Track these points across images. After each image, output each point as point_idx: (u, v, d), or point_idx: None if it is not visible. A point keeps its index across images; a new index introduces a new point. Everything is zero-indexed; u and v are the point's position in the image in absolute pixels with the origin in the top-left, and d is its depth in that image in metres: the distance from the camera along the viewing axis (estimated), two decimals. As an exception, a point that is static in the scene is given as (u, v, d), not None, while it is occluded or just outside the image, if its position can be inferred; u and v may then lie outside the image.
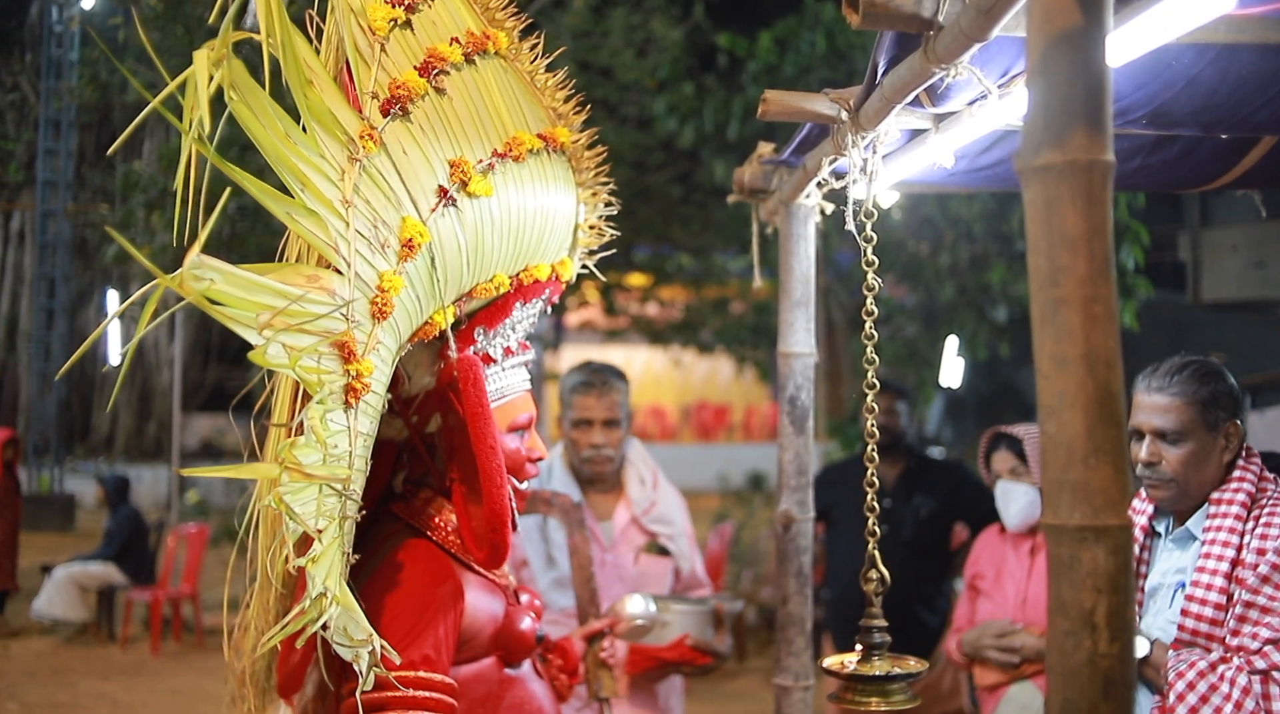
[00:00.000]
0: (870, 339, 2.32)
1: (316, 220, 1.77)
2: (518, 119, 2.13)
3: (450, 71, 2.02)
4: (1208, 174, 2.75)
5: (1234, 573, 2.44)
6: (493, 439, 2.03)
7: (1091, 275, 1.18)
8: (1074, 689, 1.18)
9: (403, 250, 1.89)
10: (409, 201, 1.91)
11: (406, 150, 1.92)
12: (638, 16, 11.47)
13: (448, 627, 2.03)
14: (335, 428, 1.78)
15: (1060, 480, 1.19)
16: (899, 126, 2.25)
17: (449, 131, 2.00)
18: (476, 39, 2.09)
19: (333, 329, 1.77)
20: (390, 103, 1.92)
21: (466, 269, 2.02)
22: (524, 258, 2.15)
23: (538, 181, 2.13)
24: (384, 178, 1.88)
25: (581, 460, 3.61)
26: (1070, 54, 1.20)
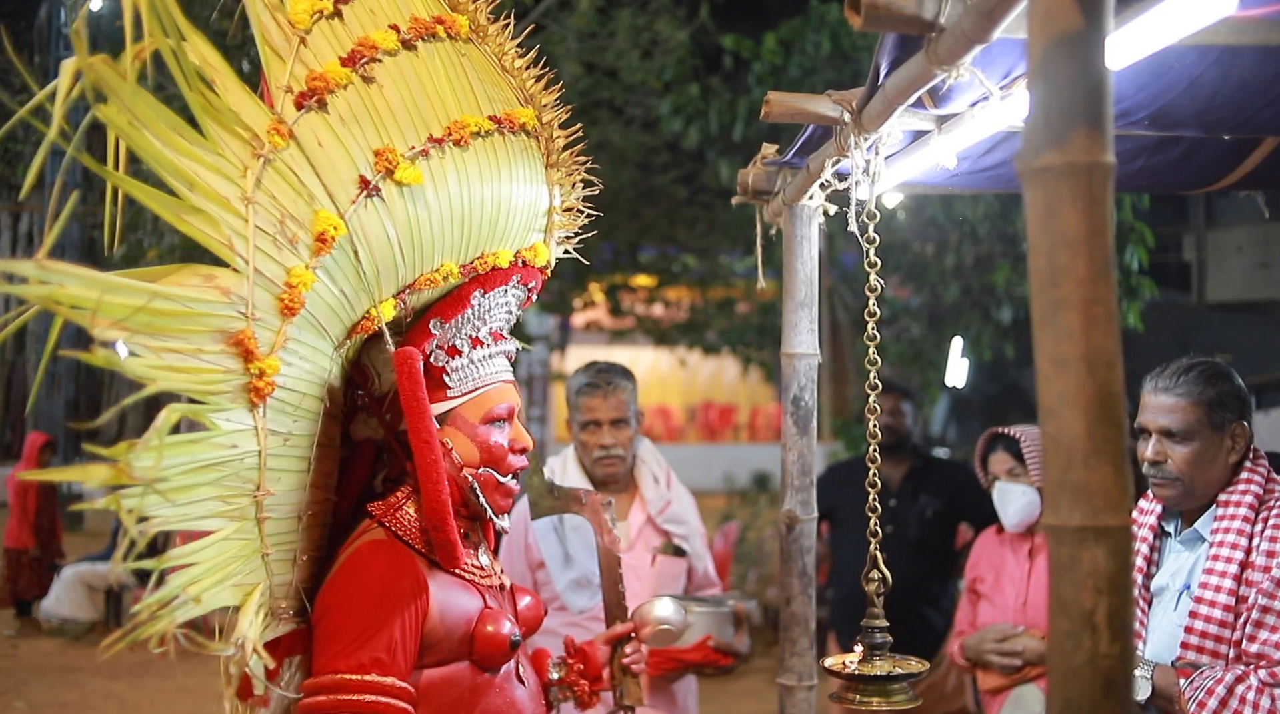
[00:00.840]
0: (872, 340, 2.33)
1: (207, 219, 1.73)
2: (467, 102, 2.09)
3: (383, 59, 1.99)
4: (1211, 175, 2.76)
5: (1243, 575, 2.44)
6: (428, 433, 2.00)
7: (1092, 276, 1.19)
8: (1075, 690, 1.18)
9: (315, 244, 1.86)
10: (324, 194, 1.88)
11: (323, 142, 1.89)
12: (643, 18, 11.45)
13: (405, 628, 1.98)
14: (232, 426, 1.76)
15: (1060, 481, 1.19)
16: (901, 128, 2.25)
17: (377, 120, 1.96)
18: (422, 24, 2.06)
19: (227, 328, 1.74)
20: (306, 95, 1.89)
21: (401, 260, 1.99)
22: (476, 245, 2.11)
23: (487, 166, 2.08)
24: (294, 172, 1.85)
25: (592, 461, 3.60)
26: (1071, 56, 1.21)
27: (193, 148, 1.72)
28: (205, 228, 1.73)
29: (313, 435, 1.98)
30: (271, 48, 1.91)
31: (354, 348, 2.09)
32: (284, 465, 1.90)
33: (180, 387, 1.69)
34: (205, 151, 1.74)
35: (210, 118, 1.75)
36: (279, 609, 2.01)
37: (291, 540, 1.99)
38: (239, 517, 1.82)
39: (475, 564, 2.20)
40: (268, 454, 1.83)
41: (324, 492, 2.10)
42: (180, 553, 1.73)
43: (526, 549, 3.56)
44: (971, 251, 8.33)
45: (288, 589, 2.02)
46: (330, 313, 1.93)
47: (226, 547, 1.81)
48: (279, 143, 1.83)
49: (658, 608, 2.72)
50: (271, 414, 1.83)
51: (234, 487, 1.81)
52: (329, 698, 1.90)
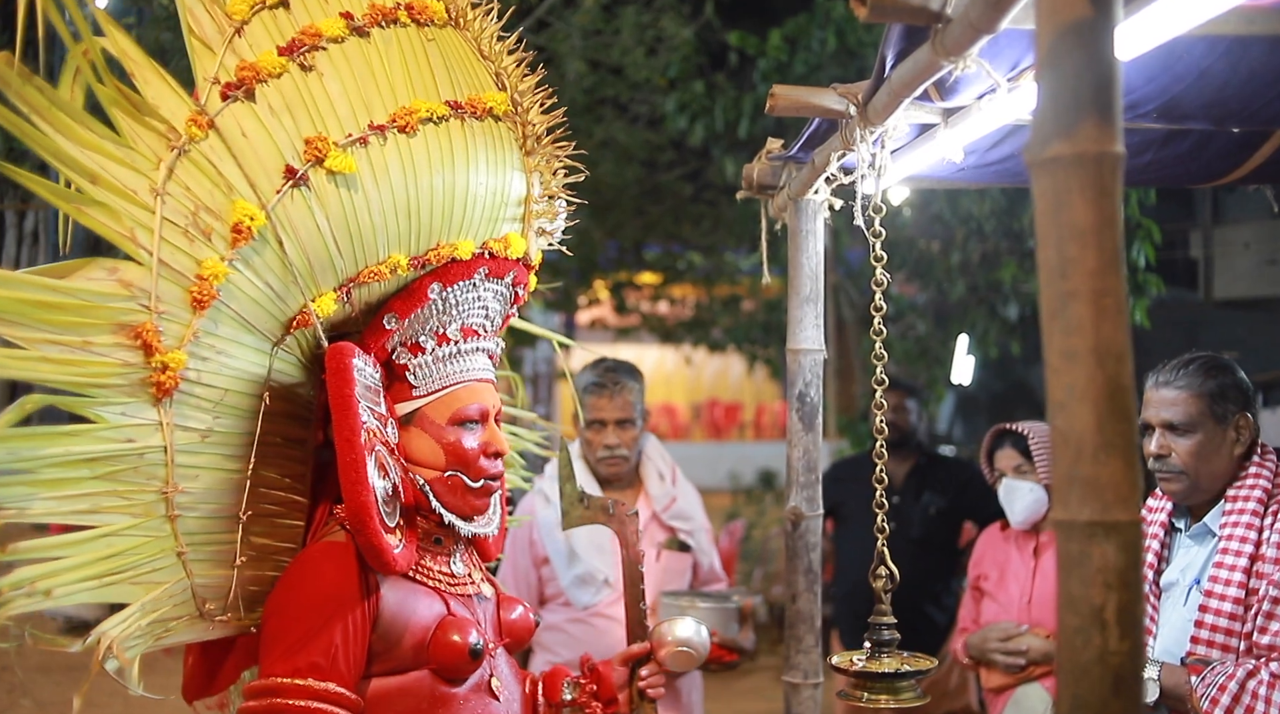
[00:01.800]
0: (879, 335, 2.31)
1: (107, 212, 1.71)
2: (425, 89, 2.03)
3: (326, 47, 1.96)
4: (1220, 169, 2.74)
5: (1253, 568, 2.44)
6: (350, 431, 1.90)
7: (1101, 268, 1.17)
8: (1084, 686, 1.16)
9: (231, 235, 1.82)
10: (245, 185, 1.85)
11: (247, 132, 1.86)
12: (648, 15, 11.43)
13: (347, 633, 1.90)
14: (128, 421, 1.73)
15: (1070, 475, 1.18)
16: (908, 121, 2.24)
17: (313, 109, 1.92)
18: (381, 10, 2.02)
19: (128, 321, 1.71)
20: (233, 86, 1.86)
21: (338, 252, 1.94)
22: (429, 236, 2.05)
23: (438, 153, 2.02)
24: (213, 163, 1.83)
25: (597, 460, 3.60)
26: (1079, 45, 1.19)
27: (100, 141, 1.70)
28: (106, 220, 1.71)
29: (248, 434, 1.93)
30: (200, 39, 1.89)
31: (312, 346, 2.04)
32: (204, 463, 1.85)
33: (54, 378, 1.66)
34: (114, 144, 1.72)
35: (120, 110, 1.74)
36: (209, 612, 1.96)
37: (222, 541, 1.93)
38: (142, 513, 1.78)
39: (442, 571, 2.11)
40: (178, 450, 1.80)
41: (289, 493, 2.06)
42: (39, 545, 1.70)
43: (531, 545, 3.56)
44: (978, 248, 8.30)
45: (221, 591, 1.97)
46: (255, 307, 1.88)
47: (115, 542, 1.77)
48: (196, 134, 1.81)
49: (679, 628, 2.48)
50: (184, 409, 1.80)
51: (133, 482, 1.77)
52: (263, 702, 1.85)
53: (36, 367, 1.63)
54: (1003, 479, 3.73)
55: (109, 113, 1.73)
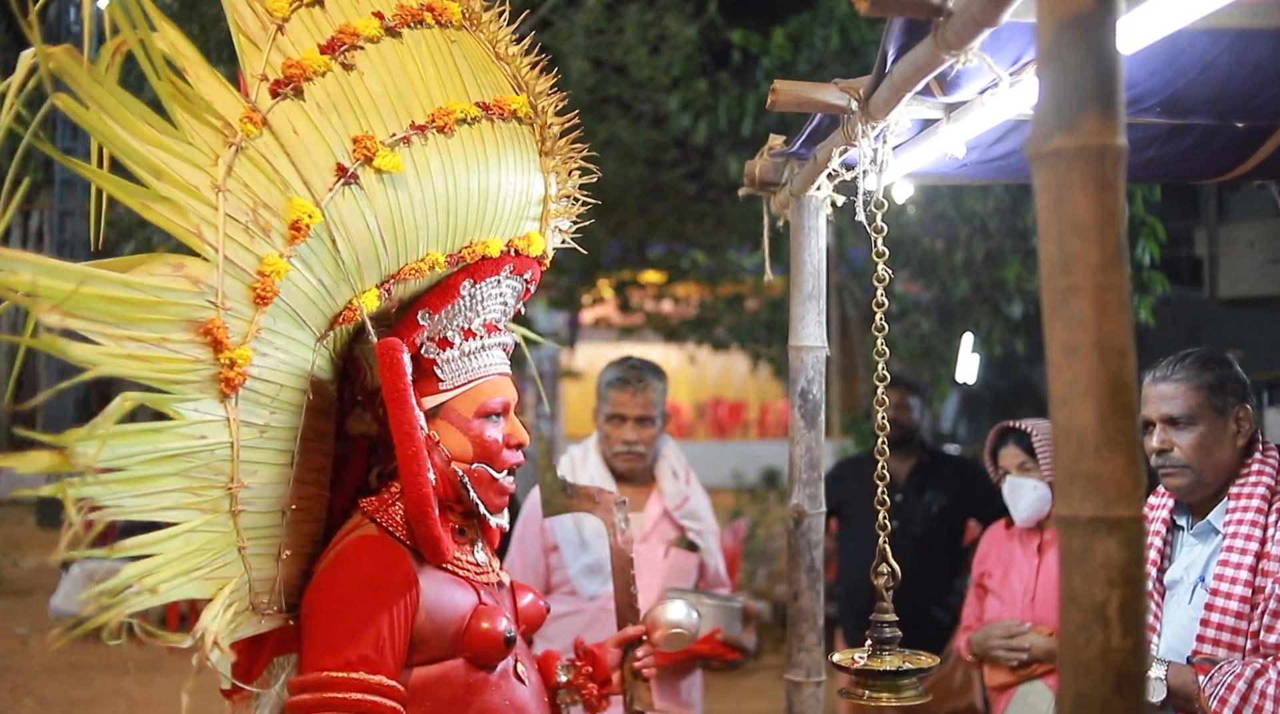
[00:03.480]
0: (880, 331, 2.30)
1: (174, 207, 1.71)
2: (455, 89, 2.06)
3: (364, 46, 1.97)
4: (1223, 164, 2.73)
5: (1259, 565, 2.43)
6: (409, 425, 1.96)
7: (1104, 262, 1.16)
8: (1086, 683, 1.16)
9: (290, 233, 1.83)
10: (299, 182, 1.85)
11: (298, 130, 1.87)
12: (651, 14, 11.43)
13: (393, 625, 1.94)
14: (200, 417, 1.73)
15: (1072, 471, 1.17)
16: (910, 116, 2.23)
17: (356, 108, 1.94)
18: (409, 11, 2.03)
19: (197, 317, 1.72)
20: (281, 83, 1.87)
21: (383, 249, 1.96)
22: (464, 234, 2.08)
23: (474, 153, 2.05)
24: (268, 160, 1.83)
25: (613, 455, 3.62)
26: (1081, 37, 1.18)
27: (161, 136, 1.70)
28: (172, 216, 1.71)
29: (295, 428, 1.95)
30: (247, 36, 1.90)
31: (343, 341, 2.07)
32: (261, 458, 1.87)
33: (139, 374, 1.67)
34: (174, 140, 1.72)
35: (180, 106, 1.74)
36: (260, 605, 1.98)
37: (273, 535, 1.96)
38: (210, 509, 1.79)
39: (470, 560, 2.16)
40: (241, 446, 1.81)
41: (315, 487, 2.08)
42: (137, 542, 1.71)
43: (541, 533, 3.57)
44: (982, 247, 8.29)
45: (270, 585, 1.99)
46: (309, 303, 1.90)
47: (193, 539, 1.78)
48: (252, 130, 1.81)
49: (670, 610, 2.62)
50: (245, 405, 1.81)
51: (204, 478, 1.78)
52: (314, 696, 1.87)
53: (124, 363, 1.64)
54: (1007, 477, 3.73)
55: (168, 108, 1.73)
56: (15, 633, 9.34)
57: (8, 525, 14.77)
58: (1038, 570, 3.65)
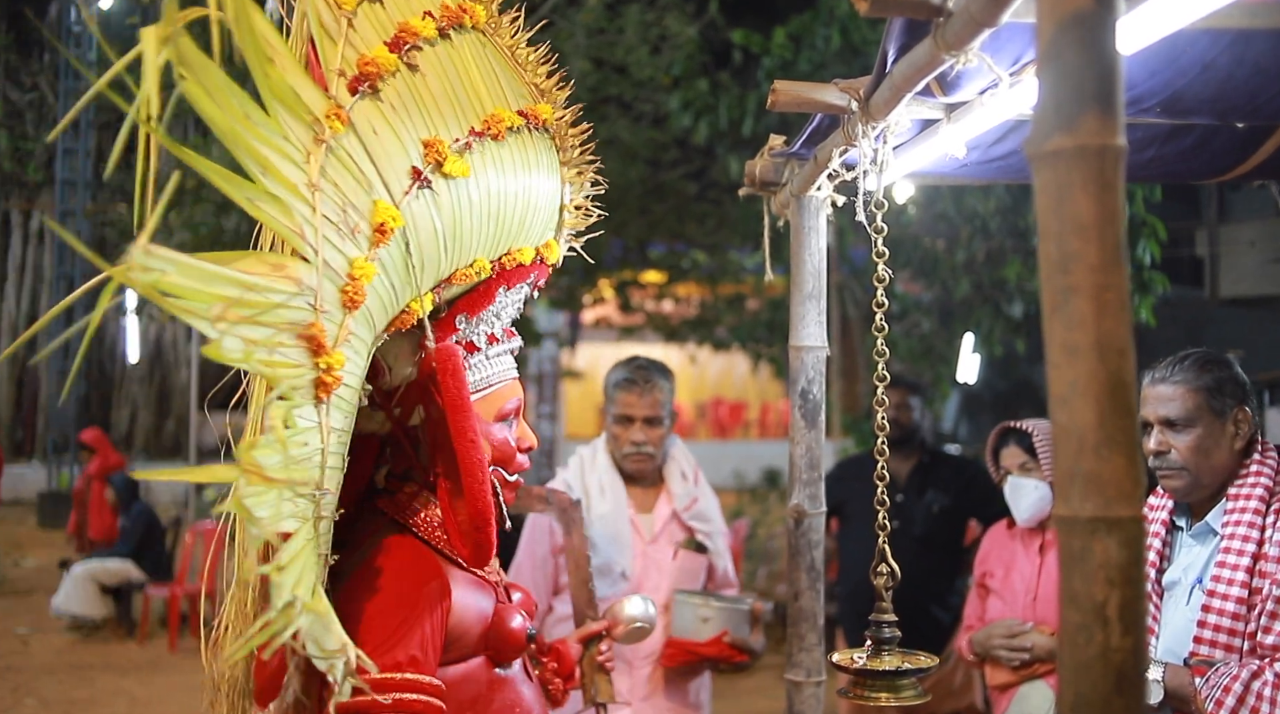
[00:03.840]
0: (881, 331, 2.30)
1: (280, 206, 1.66)
2: (496, 96, 2.04)
3: (423, 47, 1.93)
4: (1223, 164, 2.73)
5: (1256, 567, 2.43)
6: (473, 432, 1.95)
7: (1103, 262, 1.16)
8: (1086, 683, 1.16)
9: (375, 235, 1.79)
10: (380, 184, 1.81)
11: (377, 130, 1.82)
12: (652, 13, 11.45)
13: (434, 626, 1.95)
14: (305, 425, 1.68)
15: (1072, 471, 1.17)
16: (910, 116, 2.23)
17: (423, 110, 1.90)
18: (452, 12, 2.00)
19: (299, 320, 1.66)
20: (359, 80, 1.82)
21: (444, 254, 1.94)
22: (506, 241, 2.07)
23: (519, 161, 2.04)
24: (353, 159, 1.78)
25: (622, 456, 3.62)
26: (1081, 37, 1.18)
27: (262, 130, 1.64)
28: (277, 214, 1.66)
29: (351, 431, 1.90)
30: (323, 28, 1.84)
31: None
32: (335, 463, 1.82)
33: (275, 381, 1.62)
34: (275, 134, 1.66)
35: (278, 98, 1.67)
36: None
37: (327, 540, 1.91)
38: (303, 517, 1.73)
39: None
40: (328, 451, 1.76)
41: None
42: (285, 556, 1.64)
43: (550, 534, 3.56)
44: (982, 247, 8.30)
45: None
46: (380, 306, 1.86)
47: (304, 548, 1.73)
48: (339, 128, 1.75)
49: (629, 606, 2.73)
50: (333, 411, 1.76)
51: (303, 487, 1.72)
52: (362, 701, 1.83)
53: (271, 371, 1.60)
54: (1008, 477, 3.73)
55: (266, 102, 1.65)
56: (16, 633, 9.35)
57: (8, 525, 14.79)
58: (1039, 570, 3.65)
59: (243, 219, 8.83)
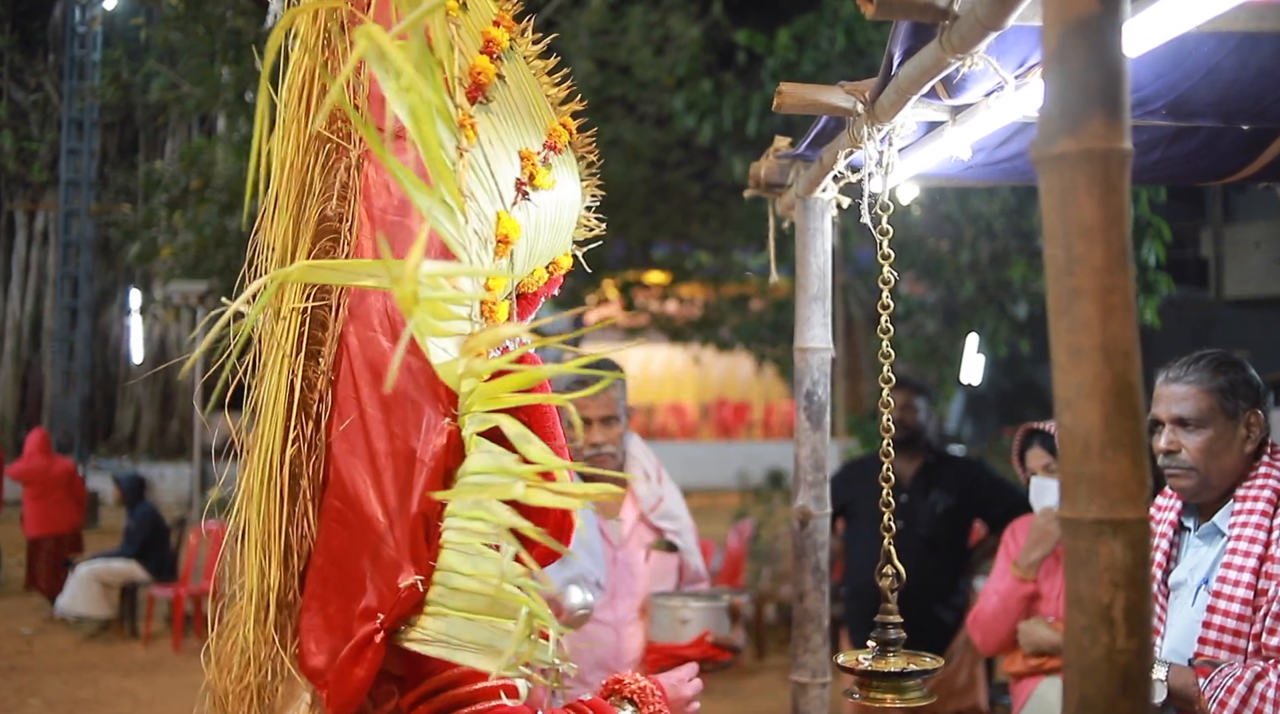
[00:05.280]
0: (886, 333, 2.30)
1: (450, 214, 1.61)
2: (545, 108, 2.03)
3: (503, 57, 1.91)
4: (1229, 166, 2.73)
5: (1262, 569, 2.43)
6: (561, 437, 1.91)
7: (1109, 265, 1.17)
8: (1091, 685, 1.16)
9: (499, 247, 1.80)
10: (499, 195, 1.81)
11: (491, 141, 1.82)
12: (656, 14, 11.46)
13: None
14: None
15: (1077, 473, 1.17)
16: (915, 119, 2.23)
17: (515, 122, 1.90)
18: (510, 24, 1.96)
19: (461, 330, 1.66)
20: (475, 89, 1.81)
21: (524, 264, 1.95)
22: (554, 251, 2.08)
23: (569, 173, 2.05)
24: (481, 170, 1.78)
25: (583, 459, 3.56)
26: (1087, 40, 1.19)
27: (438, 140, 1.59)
28: (447, 223, 1.62)
29: None
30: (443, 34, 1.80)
31: None
32: None
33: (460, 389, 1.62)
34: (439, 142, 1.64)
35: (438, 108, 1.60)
36: None
37: None
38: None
39: None
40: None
41: None
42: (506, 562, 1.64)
43: None
44: (987, 247, 8.30)
45: None
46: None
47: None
48: (472, 138, 1.76)
49: (570, 596, 3.02)
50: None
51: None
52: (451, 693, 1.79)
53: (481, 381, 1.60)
54: (1032, 478, 3.76)
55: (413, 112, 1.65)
56: (20, 633, 9.37)
57: (12, 525, 14.77)
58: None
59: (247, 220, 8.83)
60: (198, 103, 10.60)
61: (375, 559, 1.74)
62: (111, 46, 16.43)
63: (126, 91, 14.23)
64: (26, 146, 19.96)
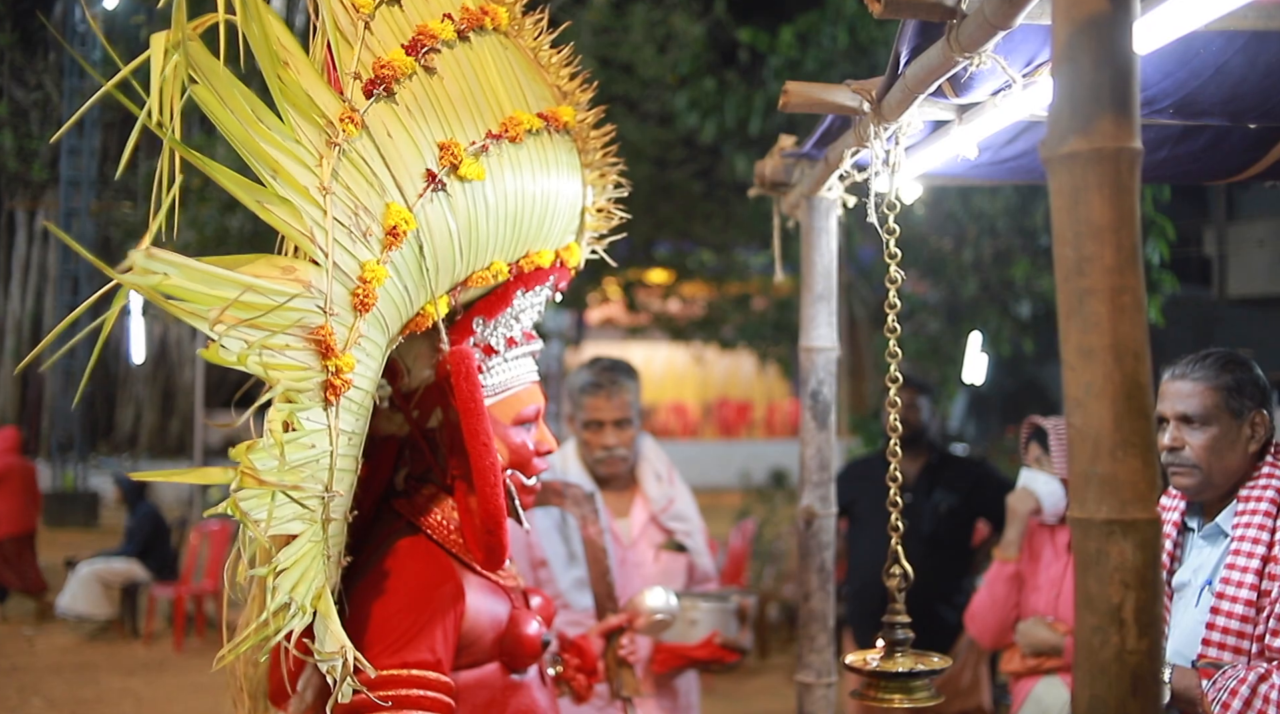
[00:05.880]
0: (893, 332, 2.30)
1: (290, 209, 1.66)
2: (516, 98, 2.05)
3: (441, 49, 1.93)
4: (1236, 165, 2.72)
5: (1265, 570, 2.42)
6: (486, 435, 1.96)
7: (1119, 265, 1.16)
8: (1101, 685, 1.16)
9: (387, 238, 1.79)
10: (394, 187, 1.82)
11: (391, 133, 1.83)
12: (658, 12, 11.46)
13: (446, 629, 1.95)
14: (313, 427, 1.68)
15: (1087, 473, 1.17)
16: (921, 118, 2.22)
17: (439, 112, 1.91)
18: (472, 15, 2.00)
19: (309, 323, 1.67)
20: (374, 83, 1.82)
21: (460, 257, 1.94)
22: (524, 244, 2.08)
23: (538, 163, 2.04)
24: (366, 162, 1.79)
25: (594, 461, 3.56)
26: (1097, 39, 1.18)
27: (274, 135, 1.65)
28: (288, 218, 1.66)
29: (364, 433, 1.91)
30: (340, 31, 1.85)
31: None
32: (345, 465, 1.81)
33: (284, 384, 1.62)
34: (286, 138, 1.67)
35: (290, 102, 1.68)
36: None
37: (340, 541, 1.92)
38: (311, 519, 1.74)
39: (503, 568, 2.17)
40: (337, 454, 1.76)
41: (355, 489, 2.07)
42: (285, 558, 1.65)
43: (528, 547, 3.52)
44: (990, 246, 8.29)
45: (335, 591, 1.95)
46: (393, 308, 1.86)
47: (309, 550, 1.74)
48: (353, 131, 1.76)
49: (650, 597, 2.76)
50: (343, 413, 1.76)
51: (309, 489, 1.72)
52: (382, 694, 1.85)
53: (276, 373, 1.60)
54: (1021, 470, 3.79)
55: (279, 104, 1.67)
56: (22, 633, 9.37)
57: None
58: (1065, 567, 3.69)
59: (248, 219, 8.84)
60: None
61: None
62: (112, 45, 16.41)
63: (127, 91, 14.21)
64: (27, 145, 19.95)
